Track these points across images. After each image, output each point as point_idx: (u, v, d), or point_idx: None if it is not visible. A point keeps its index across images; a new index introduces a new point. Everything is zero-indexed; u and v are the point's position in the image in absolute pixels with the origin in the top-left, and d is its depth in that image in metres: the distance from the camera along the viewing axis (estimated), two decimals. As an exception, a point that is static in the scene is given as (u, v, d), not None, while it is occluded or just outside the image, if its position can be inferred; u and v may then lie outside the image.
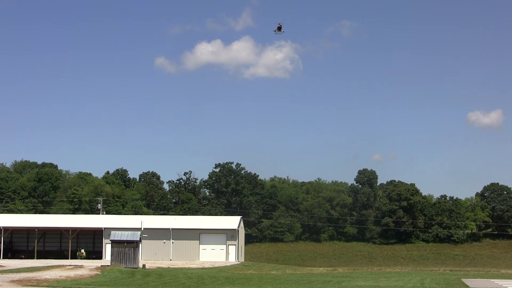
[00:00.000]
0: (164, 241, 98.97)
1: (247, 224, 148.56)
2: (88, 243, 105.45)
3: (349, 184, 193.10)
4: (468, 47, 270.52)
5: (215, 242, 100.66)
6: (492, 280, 59.56)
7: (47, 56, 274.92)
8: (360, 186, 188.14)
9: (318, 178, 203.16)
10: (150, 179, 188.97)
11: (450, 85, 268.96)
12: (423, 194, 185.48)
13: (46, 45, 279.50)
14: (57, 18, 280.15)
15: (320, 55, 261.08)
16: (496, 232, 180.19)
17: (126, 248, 70.67)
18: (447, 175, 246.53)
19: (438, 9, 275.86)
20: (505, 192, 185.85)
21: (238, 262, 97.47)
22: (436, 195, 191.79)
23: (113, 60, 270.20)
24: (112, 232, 74.82)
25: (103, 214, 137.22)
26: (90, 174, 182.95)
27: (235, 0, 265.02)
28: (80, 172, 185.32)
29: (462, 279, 59.02)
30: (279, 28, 63.20)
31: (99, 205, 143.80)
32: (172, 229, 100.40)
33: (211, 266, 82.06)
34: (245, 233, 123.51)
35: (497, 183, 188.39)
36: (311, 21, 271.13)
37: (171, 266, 78.64)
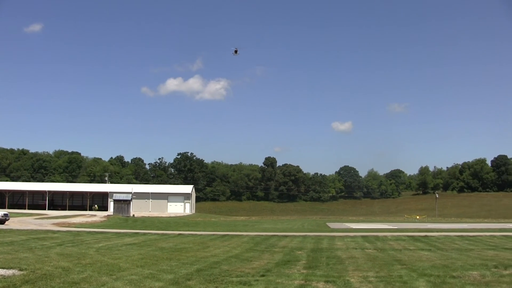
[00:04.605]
0: (146, 200, 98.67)
1: (197, 190, 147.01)
2: (99, 201, 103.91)
3: (259, 166, 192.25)
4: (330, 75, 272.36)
5: (177, 201, 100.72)
6: (343, 223, 62.31)
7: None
8: (266, 167, 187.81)
9: (240, 162, 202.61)
10: (138, 162, 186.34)
11: (320, 101, 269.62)
12: (304, 172, 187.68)
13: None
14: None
15: (243, 86, 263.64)
16: (346, 195, 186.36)
17: (123, 204, 71.11)
18: (316, 160, 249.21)
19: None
20: (352, 171, 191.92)
21: (191, 213, 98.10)
22: (312, 172, 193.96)
23: (112, 92, 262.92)
24: (114, 194, 75.42)
25: (108, 183, 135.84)
26: (100, 159, 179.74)
27: (192, 53, 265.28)
28: (94, 157, 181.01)
29: (326, 223, 61.96)
30: (236, 51, 56.97)
31: (106, 178, 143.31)
32: (151, 193, 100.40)
33: (174, 216, 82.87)
34: (195, 195, 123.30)
35: (348, 166, 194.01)
36: (237, 65, 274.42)
37: (150, 216, 78.86)
